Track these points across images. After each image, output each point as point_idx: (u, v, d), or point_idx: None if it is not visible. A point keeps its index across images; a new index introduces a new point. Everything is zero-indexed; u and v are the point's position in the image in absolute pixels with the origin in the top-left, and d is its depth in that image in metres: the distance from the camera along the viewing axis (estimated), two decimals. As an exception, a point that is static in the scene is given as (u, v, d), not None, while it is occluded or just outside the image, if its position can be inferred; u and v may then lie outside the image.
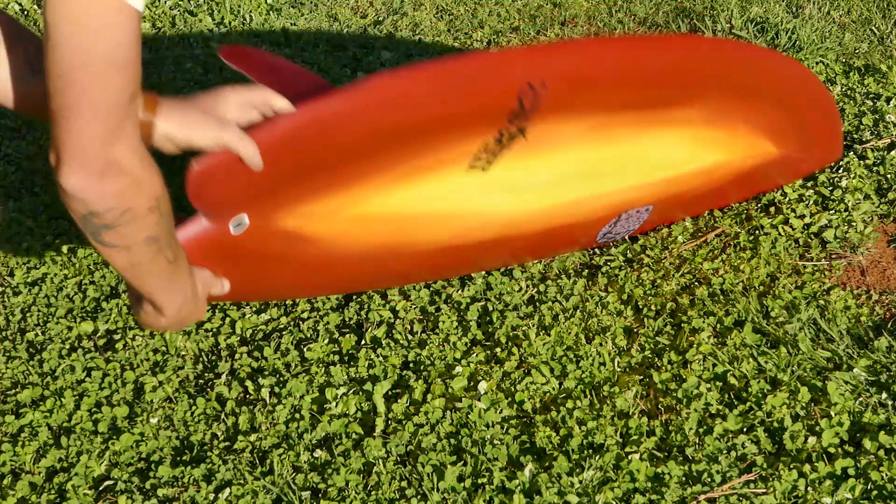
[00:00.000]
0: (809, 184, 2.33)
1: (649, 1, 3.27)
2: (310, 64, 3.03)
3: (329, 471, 1.78)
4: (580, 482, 1.71)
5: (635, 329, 2.02)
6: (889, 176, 2.36)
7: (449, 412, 1.86)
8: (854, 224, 2.23)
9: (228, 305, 2.16)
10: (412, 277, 2.12)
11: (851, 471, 1.69)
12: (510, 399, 1.89)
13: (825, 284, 2.10)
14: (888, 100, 2.64)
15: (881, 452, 1.71)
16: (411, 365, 1.98)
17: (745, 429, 1.79)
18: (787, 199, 2.29)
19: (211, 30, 3.27)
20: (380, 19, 3.30)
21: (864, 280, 2.12)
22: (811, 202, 2.28)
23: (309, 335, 2.07)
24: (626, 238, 2.22)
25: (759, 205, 2.29)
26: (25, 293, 2.23)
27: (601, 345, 1.98)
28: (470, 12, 3.30)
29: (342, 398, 1.91)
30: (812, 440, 1.75)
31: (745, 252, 2.17)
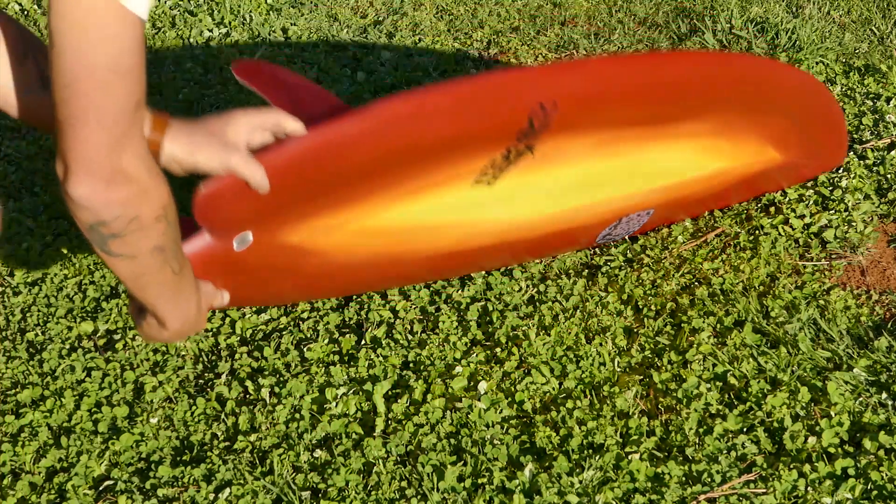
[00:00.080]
0: (809, 184, 2.33)
1: (649, 1, 3.27)
2: (309, 63, 3.03)
3: (329, 471, 1.78)
4: (580, 482, 1.71)
5: (635, 329, 2.02)
6: (889, 176, 2.36)
7: (449, 412, 1.86)
8: (854, 224, 2.23)
9: (228, 305, 2.16)
10: (412, 280, 2.12)
11: (851, 471, 1.69)
12: (510, 399, 1.89)
13: (825, 284, 2.10)
14: (888, 100, 2.64)
15: (881, 452, 1.71)
16: (411, 365, 1.98)
17: (745, 429, 1.79)
18: (787, 199, 2.29)
19: (211, 30, 3.27)
20: (380, 19, 3.30)
21: (864, 280, 2.12)
22: (811, 202, 2.28)
23: (309, 335, 2.07)
24: (626, 238, 2.22)
25: (759, 205, 2.29)
26: (25, 293, 2.23)
27: (601, 345, 1.98)
28: (470, 12, 3.30)
29: (342, 398, 1.91)
30: (812, 440, 1.75)
31: (745, 252, 2.17)
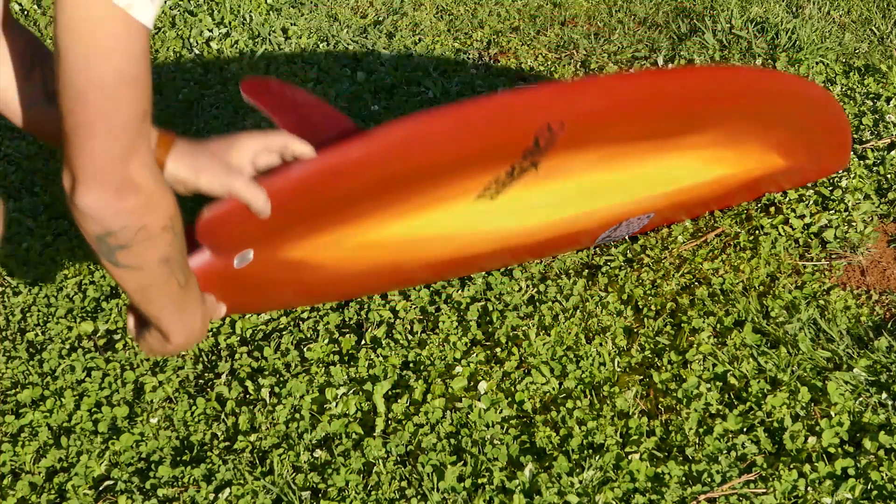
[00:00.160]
0: (809, 184, 2.33)
1: (649, 1, 3.27)
2: (309, 64, 3.03)
3: (329, 471, 1.78)
4: (580, 482, 1.71)
5: (635, 329, 2.02)
6: (889, 176, 2.36)
7: (449, 412, 1.86)
8: (854, 224, 2.23)
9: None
10: (412, 283, 2.12)
11: (851, 471, 1.69)
12: (510, 399, 1.89)
13: (825, 284, 2.10)
14: (888, 100, 2.64)
15: (881, 452, 1.71)
16: (411, 365, 1.98)
17: (745, 429, 1.79)
18: (787, 199, 2.29)
19: (211, 30, 3.27)
20: (380, 19, 3.30)
21: (864, 280, 2.12)
22: (811, 202, 2.28)
23: (309, 335, 2.07)
24: (626, 238, 2.22)
25: (759, 205, 2.29)
26: (25, 293, 2.23)
27: (601, 345, 1.98)
28: (470, 12, 3.30)
29: (342, 398, 1.91)
30: (812, 440, 1.75)
31: (745, 252, 2.17)
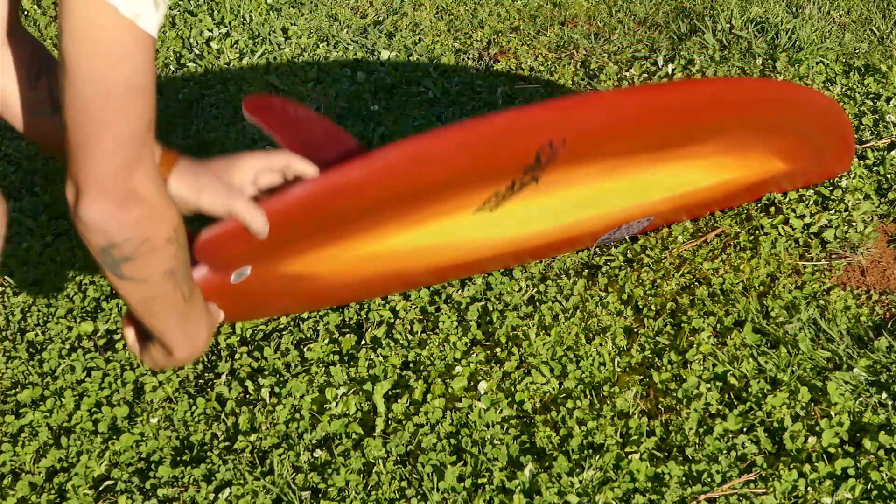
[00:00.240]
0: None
1: (649, 1, 3.27)
2: (309, 63, 3.03)
3: (329, 471, 1.78)
4: (580, 482, 1.71)
5: (635, 329, 2.02)
6: (889, 176, 2.36)
7: (449, 412, 1.86)
8: (854, 224, 2.23)
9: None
10: (412, 287, 2.12)
11: (851, 471, 1.69)
12: (510, 399, 1.89)
13: (825, 284, 2.10)
14: (888, 100, 2.64)
15: (881, 452, 1.71)
16: (411, 365, 1.98)
17: (745, 429, 1.79)
18: (787, 199, 2.29)
19: (211, 30, 3.27)
20: (380, 19, 3.30)
21: (864, 280, 2.12)
22: (811, 202, 2.28)
23: (309, 335, 2.07)
24: (626, 238, 2.22)
25: (759, 205, 2.29)
26: (25, 293, 2.23)
27: (601, 345, 1.98)
28: (470, 12, 3.30)
29: (342, 398, 1.91)
30: (812, 440, 1.75)
31: (745, 252, 2.17)
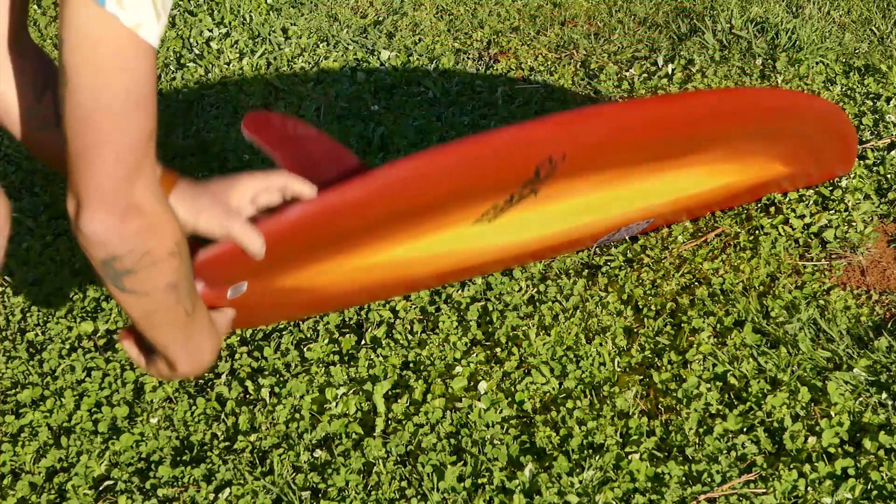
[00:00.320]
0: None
1: (649, 1, 3.27)
2: (309, 64, 3.03)
3: (329, 471, 1.78)
4: (580, 482, 1.71)
5: (635, 329, 2.02)
6: (889, 176, 2.36)
7: (449, 412, 1.86)
8: (854, 224, 2.23)
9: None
10: (412, 291, 2.12)
11: (851, 471, 1.69)
12: (510, 399, 1.89)
13: (825, 284, 2.10)
14: (888, 100, 2.64)
15: (881, 452, 1.71)
16: (411, 365, 1.98)
17: (745, 429, 1.79)
18: (787, 199, 2.29)
19: (211, 30, 3.27)
20: (380, 19, 3.30)
21: (864, 280, 2.12)
22: (811, 202, 2.28)
23: (309, 335, 2.07)
24: (626, 238, 2.22)
25: (759, 205, 2.29)
26: (25, 293, 2.23)
27: (601, 345, 1.98)
28: (470, 12, 3.30)
29: (342, 398, 1.91)
30: (812, 440, 1.75)
31: (745, 252, 2.17)
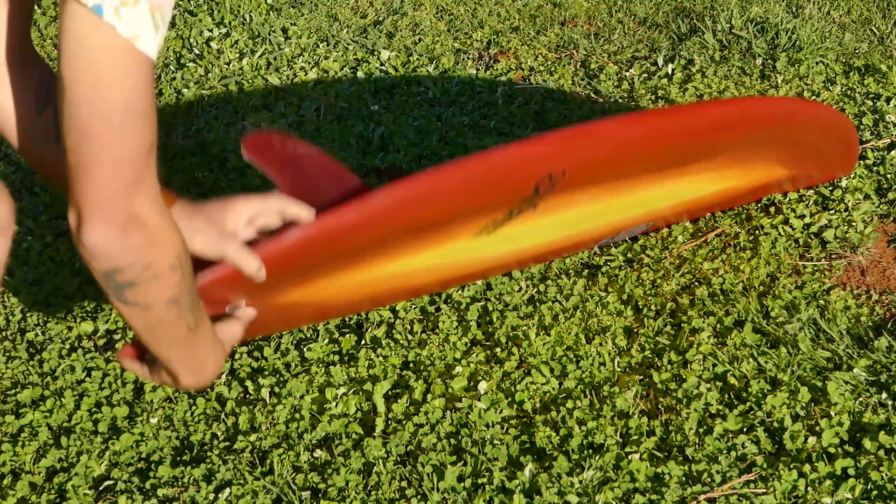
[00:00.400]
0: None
1: (649, 1, 3.27)
2: (309, 64, 3.03)
3: (329, 471, 1.78)
4: (580, 482, 1.71)
5: (635, 329, 2.02)
6: (889, 176, 2.36)
7: (449, 412, 1.86)
8: (854, 224, 2.23)
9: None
10: (414, 296, 2.12)
11: (851, 471, 1.69)
12: (510, 399, 1.89)
13: (825, 284, 2.10)
14: (888, 100, 2.64)
15: (881, 452, 1.71)
16: (411, 365, 1.98)
17: (745, 429, 1.79)
18: (787, 199, 2.29)
19: (211, 30, 3.27)
20: (380, 19, 3.30)
21: (864, 280, 2.12)
22: (811, 202, 2.28)
23: (309, 335, 2.07)
24: (627, 238, 2.22)
25: (759, 205, 2.29)
26: (25, 293, 2.23)
27: (601, 345, 1.98)
28: (470, 12, 3.30)
29: (342, 398, 1.91)
30: (812, 440, 1.75)
31: (745, 252, 2.17)
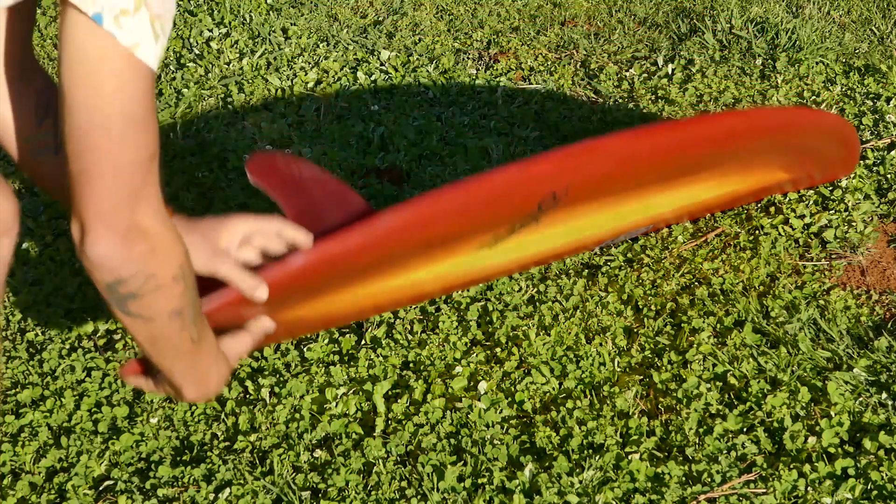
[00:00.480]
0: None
1: (649, 1, 3.27)
2: (309, 63, 3.03)
3: (329, 471, 1.78)
4: (580, 482, 1.71)
5: (635, 329, 2.02)
6: (889, 176, 2.36)
7: (449, 412, 1.86)
8: (854, 224, 2.23)
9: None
10: (419, 301, 2.11)
11: (851, 471, 1.69)
12: (510, 399, 1.89)
13: (825, 284, 2.10)
14: (888, 100, 2.64)
15: (881, 452, 1.71)
16: (411, 365, 1.98)
17: (745, 429, 1.79)
18: (787, 199, 2.29)
19: (211, 30, 3.27)
20: (380, 19, 3.30)
21: (864, 280, 2.12)
22: (811, 202, 2.28)
23: (309, 335, 2.07)
24: (627, 238, 2.22)
25: (759, 205, 2.29)
26: (25, 293, 2.23)
27: (601, 345, 1.98)
28: (470, 12, 3.30)
29: (342, 398, 1.91)
30: (812, 440, 1.75)
31: (745, 252, 2.17)
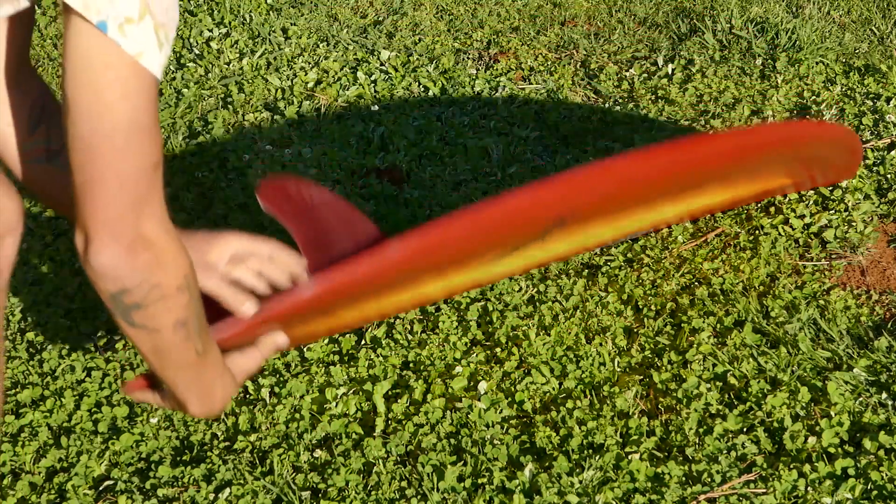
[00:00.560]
0: (809, 184, 2.34)
1: (649, 1, 3.27)
2: (309, 63, 3.03)
3: (329, 471, 1.78)
4: (580, 482, 1.71)
5: (635, 329, 2.02)
6: (889, 176, 2.36)
7: (449, 412, 1.86)
8: (854, 224, 2.23)
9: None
10: (424, 305, 2.11)
11: (851, 471, 1.69)
12: (510, 399, 1.89)
13: (825, 284, 2.10)
14: (888, 100, 2.64)
15: (881, 452, 1.71)
16: (411, 365, 1.98)
17: (745, 429, 1.79)
18: (787, 199, 2.29)
19: (211, 30, 3.27)
20: (380, 19, 3.30)
21: (864, 280, 2.12)
22: (811, 202, 2.28)
23: (309, 335, 2.07)
24: (627, 238, 2.22)
25: (760, 205, 2.29)
26: (25, 293, 2.23)
27: (601, 345, 1.98)
28: (470, 12, 3.30)
29: (342, 398, 1.91)
30: (812, 440, 1.75)
31: (745, 252, 2.17)
